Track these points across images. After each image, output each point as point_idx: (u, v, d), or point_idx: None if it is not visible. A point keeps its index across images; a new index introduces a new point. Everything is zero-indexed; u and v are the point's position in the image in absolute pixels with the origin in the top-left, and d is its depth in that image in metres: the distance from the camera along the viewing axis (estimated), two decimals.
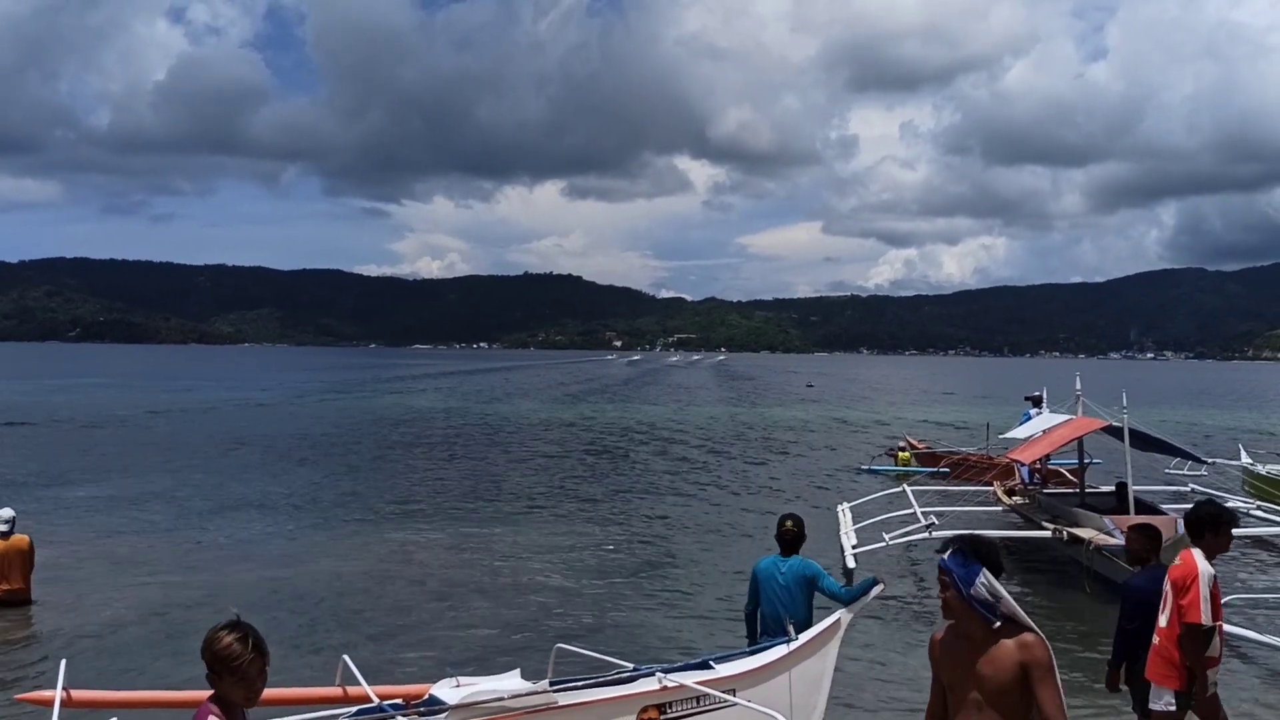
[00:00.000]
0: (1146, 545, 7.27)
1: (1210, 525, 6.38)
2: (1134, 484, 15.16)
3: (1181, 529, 13.03)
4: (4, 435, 36.27)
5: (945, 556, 4.24)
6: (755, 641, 7.88)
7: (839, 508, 19.71)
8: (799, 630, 7.45)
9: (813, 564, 7.91)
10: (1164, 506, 16.14)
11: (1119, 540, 13.07)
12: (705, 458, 32.67)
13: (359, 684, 6.35)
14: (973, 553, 4.19)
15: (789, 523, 8.00)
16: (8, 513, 12.71)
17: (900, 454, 29.23)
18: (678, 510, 21.58)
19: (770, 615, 7.77)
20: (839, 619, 7.62)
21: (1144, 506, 15.19)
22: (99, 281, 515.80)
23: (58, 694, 5.78)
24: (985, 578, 4.11)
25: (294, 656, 10.83)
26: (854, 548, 15.77)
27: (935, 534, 15.08)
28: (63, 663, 6.00)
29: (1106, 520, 13.80)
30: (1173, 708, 6.22)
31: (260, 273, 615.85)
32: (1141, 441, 16.73)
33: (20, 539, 12.61)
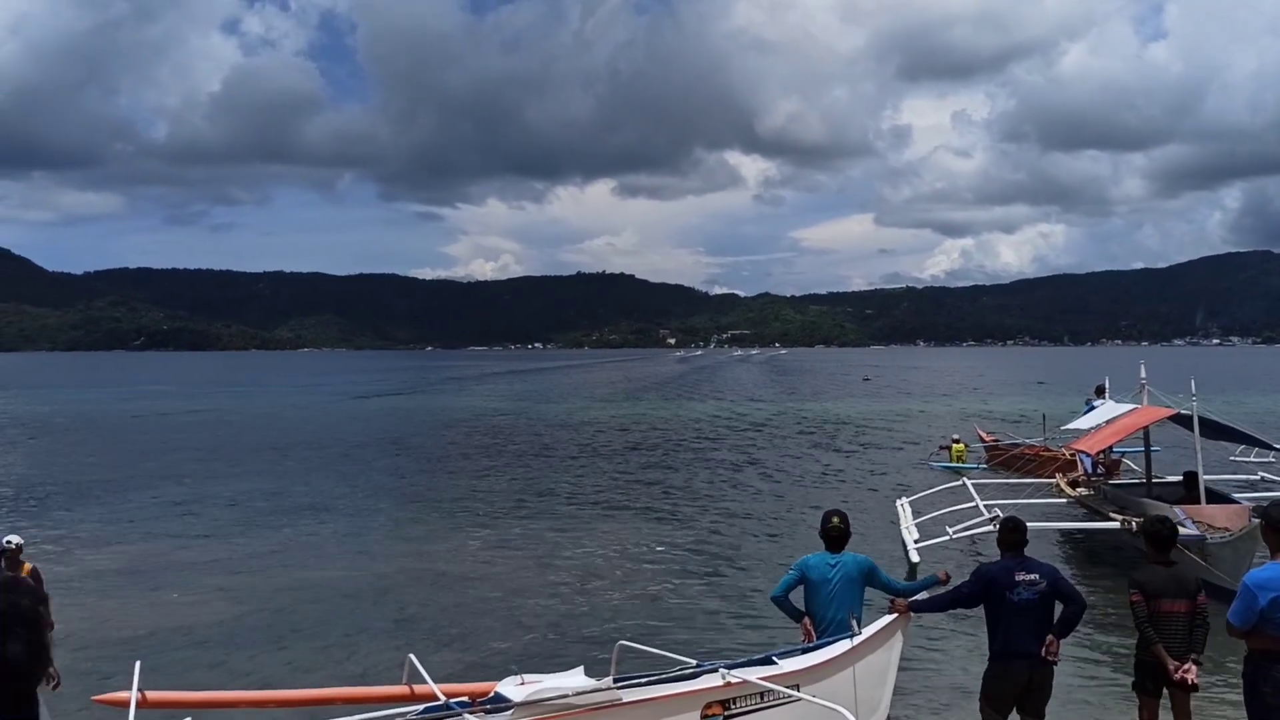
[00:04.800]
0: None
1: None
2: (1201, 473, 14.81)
3: (1254, 519, 12.78)
4: (74, 441, 37.18)
5: None
6: (797, 621, 7.84)
7: (898, 502, 19.50)
8: (860, 625, 7.40)
9: (866, 559, 7.84)
10: (1235, 496, 15.75)
11: (1192, 531, 12.79)
12: (763, 453, 32.54)
13: (425, 682, 6.41)
14: None
15: (835, 519, 7.89)
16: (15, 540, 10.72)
17: (955, 445, 28.79)
18: (737, 506, 21.52)
19: (820, 615, 7.60)
20: None
21: (1215, 496, 14.83)
22: (162, 291, 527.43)
23: (133, 694, 5.87)
24: None
25: (361, 656, 11.00)
26: (916, 543, 15.60)
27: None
28: (137, 664, 6.09)
29: (1177, 510, 13.48)
30: None
31: (318, 279, 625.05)
32: (1209, 429, 16.31)
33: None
